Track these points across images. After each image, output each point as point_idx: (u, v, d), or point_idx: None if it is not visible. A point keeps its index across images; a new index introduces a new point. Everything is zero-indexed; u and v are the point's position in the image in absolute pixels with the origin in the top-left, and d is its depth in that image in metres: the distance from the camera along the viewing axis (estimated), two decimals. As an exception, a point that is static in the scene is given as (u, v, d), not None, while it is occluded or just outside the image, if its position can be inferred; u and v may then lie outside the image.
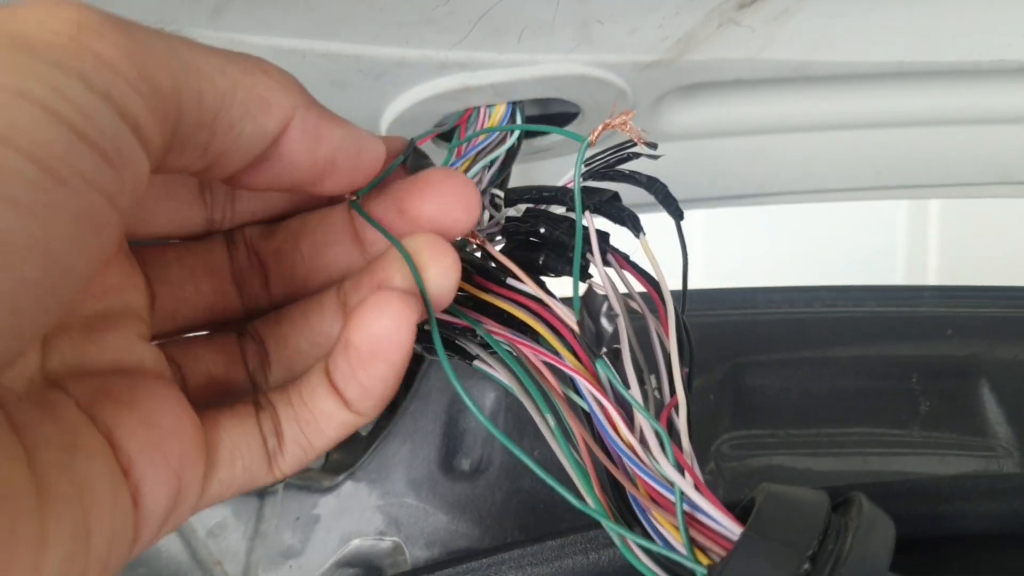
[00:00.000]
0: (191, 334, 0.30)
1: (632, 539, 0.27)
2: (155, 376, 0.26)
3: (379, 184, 0.30)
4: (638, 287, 0.33)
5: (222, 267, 0.30)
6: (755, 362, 0.48)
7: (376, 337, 0.25)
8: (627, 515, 0.29)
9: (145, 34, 0.20)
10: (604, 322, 0.30)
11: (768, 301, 0.51)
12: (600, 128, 0.30)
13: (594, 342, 0.29)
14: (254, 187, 0.26)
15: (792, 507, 0.25)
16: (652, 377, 0.30)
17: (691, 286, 0.56)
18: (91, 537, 0.21)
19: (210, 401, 0.28)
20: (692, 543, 0.26)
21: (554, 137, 0.49)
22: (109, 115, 0.18)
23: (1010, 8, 0.43)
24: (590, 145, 0.30)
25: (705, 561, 0.26)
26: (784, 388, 0.47)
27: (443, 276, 0.27)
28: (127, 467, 0.23)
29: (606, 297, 0.30)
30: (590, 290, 0.31)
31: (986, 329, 0.49)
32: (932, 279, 1.61)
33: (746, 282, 0.56)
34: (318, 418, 0.27)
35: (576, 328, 0.29)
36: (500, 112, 0.45)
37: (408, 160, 0.32)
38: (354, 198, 0.30)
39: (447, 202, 0.28)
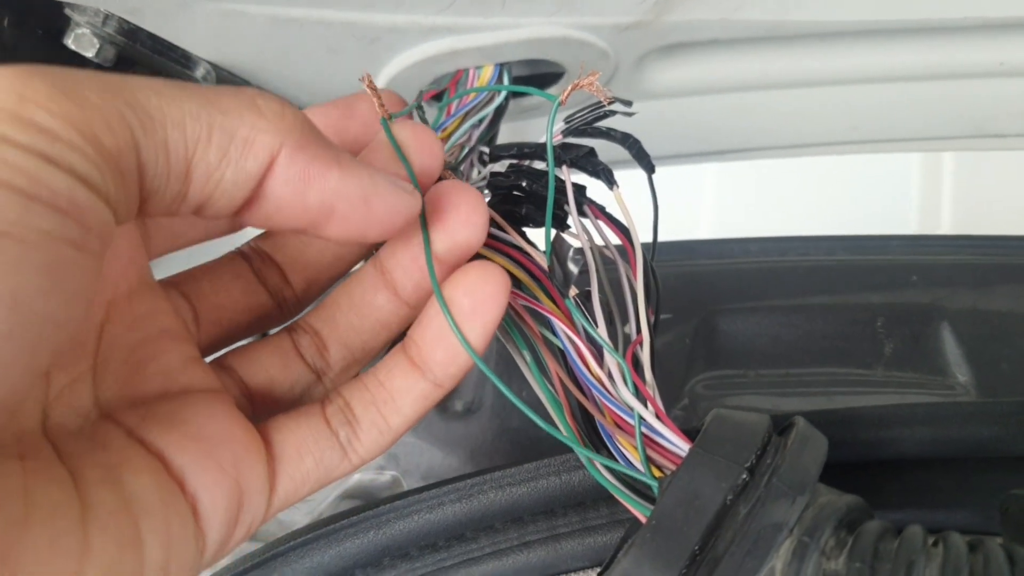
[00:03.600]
0: (244, 342, 0.32)
1: (598, 460, 0.30)
2: (201, 392, 0.28)
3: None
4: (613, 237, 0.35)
5: (244, 270, 0.32)
6: (729, 309, 0.51)
7: (482, 295, 0.28)
8: (595, 440, 0.32)
9: (97, 96, 0.21)
10: (571, 265, 0.32)
11: (743, 251, 0.54)
12: (569, 88, 0.32)
13: (564, 284, 0.32)
14: (253, 225, 0.25)
15: (735, 427, 0.28)
16: (625, 327, 0.33)
17: (698, 237, 0.58)
18: (143, 544, 0.23)
19: (276, 400, 0.30)
20: (650, 461, 0.29)
21: (539, 97, 0.51)
22: (57, 175, 0.19)
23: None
24: (561, 104, 0.33)
25: (658, 475, 0.29)
26: (756, 333, 0.50)
27: (466, 227, 0.29)
28: (180, 479, 0.25)
29: (571, 245, 0.33)
30: (559, 237, 0.33)
31: (948, 276, 0.52)
32: (946, 230, 1.62)
33: (759, 235, 0.58)
34: (395, 396, 0.29)
35: (545, 267, 0.32)
36: (488, 73, 0.47)
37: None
38: (387, 117, 0.30)
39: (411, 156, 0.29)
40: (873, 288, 0.52)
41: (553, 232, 0.33)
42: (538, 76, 0.52)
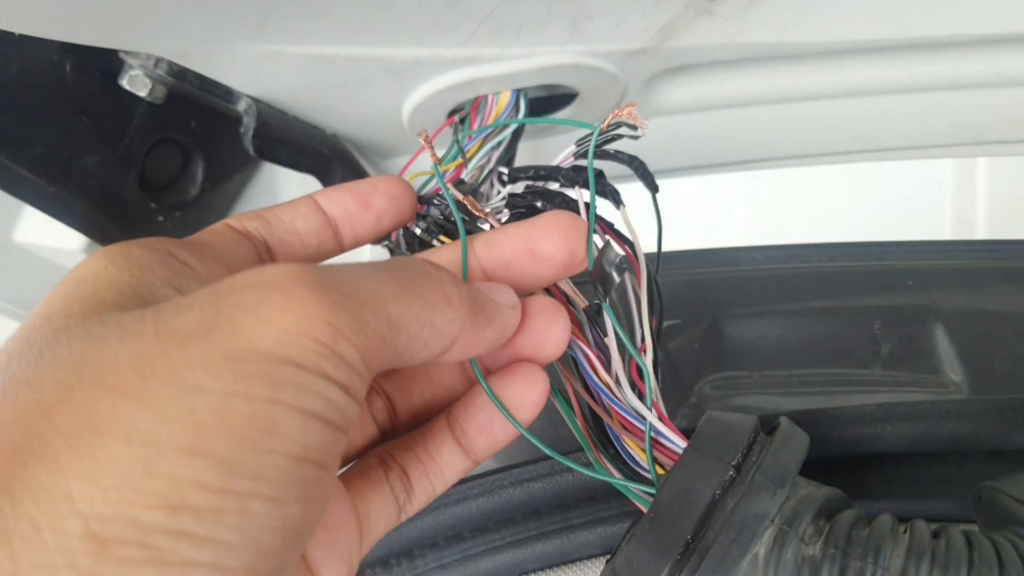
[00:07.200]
0: None
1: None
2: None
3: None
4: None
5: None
6: (736, 314, 0.54)
7: (527, 402, 0.31)
8: (604, 440, 0.35)
9: (372, 317, 0.23)
10: (614, 272, 0.35)
11: (749, 259, 0.57)
12: (610, 117, 0.35)
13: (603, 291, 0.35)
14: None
15: (725, 428, 0.31)
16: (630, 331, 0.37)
17: (732, 242, 0.60)
18: None
19: (348, 459, 0.33)
20: (654, 460, 0.33)
21: (555, 117, 0.55)
22: (352, 405, 0.22)
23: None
24: (602, 132, 0.36)
25: (660, 472, 0.32)
26: (761, 336, 0.53)
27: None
28: None
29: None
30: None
31: (942, 279, 0.55)
32: (982, 236, 1.61)
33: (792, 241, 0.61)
34: (444, 469, 0.32)
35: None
36: (505, 98, 0.51)
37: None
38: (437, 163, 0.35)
39: (561, 245, 0.32)
40: (871, 292, 0.54)
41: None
42: (551, 97, 0.55)
